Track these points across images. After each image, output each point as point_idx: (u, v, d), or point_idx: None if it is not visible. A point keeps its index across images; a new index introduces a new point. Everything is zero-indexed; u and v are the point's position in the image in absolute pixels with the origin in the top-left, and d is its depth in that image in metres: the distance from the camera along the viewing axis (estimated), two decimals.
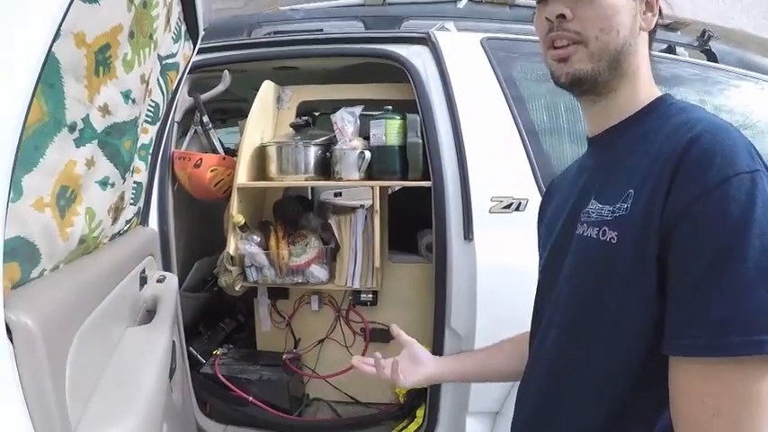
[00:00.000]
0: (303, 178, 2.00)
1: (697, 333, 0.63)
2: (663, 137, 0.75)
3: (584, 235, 0.81)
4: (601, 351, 0.78)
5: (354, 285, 2.04)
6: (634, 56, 0.83)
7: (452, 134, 1.74)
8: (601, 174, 0.86)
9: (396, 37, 1.97)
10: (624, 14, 0.81)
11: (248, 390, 2.10)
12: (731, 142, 0.67)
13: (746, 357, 0.61)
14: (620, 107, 0.86)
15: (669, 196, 0.68)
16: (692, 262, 0.65)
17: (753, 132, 2.31)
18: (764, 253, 0.62)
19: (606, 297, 0.76)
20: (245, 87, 2.32)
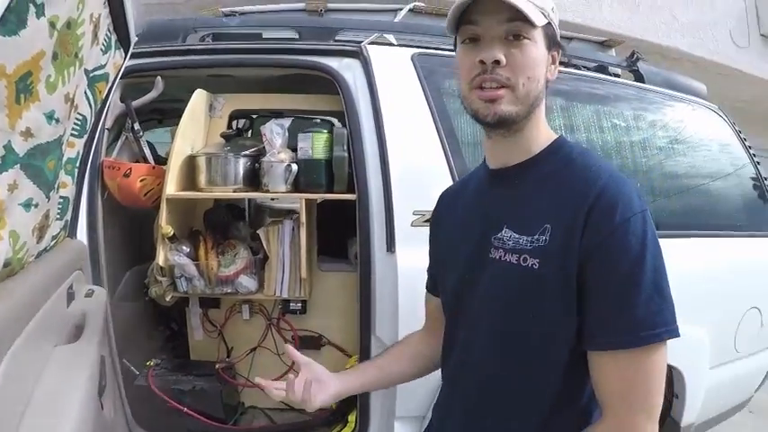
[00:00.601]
0: (231, 189, 2.00)
1: (618, 332, 0.85)
2: (570, 180, 0.93)
3: (501, 260, 0.97)
4: (532, 358, 0.96)
5: (283, 295, 2.06)
6: (542, 103, 0.99)
7: (378, 148, 1.77)
8: (511, 205, 1.00)
9: (329, 49, 1.98)
10: (542, 66, 0.95)
11: (183, 400, 2.08)
12: (627, 190, 0.89)
13: (651, 345, 0.84)
14: (525, 146, 1.00)
15: (585, 233, 0.87)
16: (607, 282, 0.86)
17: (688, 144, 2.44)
18: (656, 270, 0.85)
19: (533, 313, 0.94)
20: (180, 90, 2.30)
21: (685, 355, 2.12)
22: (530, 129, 0.98)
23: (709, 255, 2.26)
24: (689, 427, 2.26)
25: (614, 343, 0.86)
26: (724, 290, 2.27)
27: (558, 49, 1.00)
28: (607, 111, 2.22)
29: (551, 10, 0.96)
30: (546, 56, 0.96)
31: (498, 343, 1.00)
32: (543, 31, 0.94)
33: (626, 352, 0.85)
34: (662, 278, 0.86)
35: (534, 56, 0.93)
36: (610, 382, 0.88)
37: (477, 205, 1.08)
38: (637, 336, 0.84)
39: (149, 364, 2.22)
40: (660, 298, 0.85)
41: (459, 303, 1.09)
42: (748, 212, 2.55)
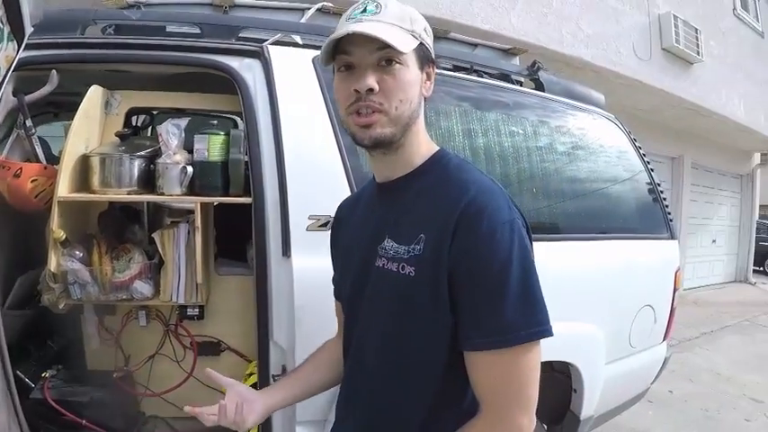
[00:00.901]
0: (126, 191, 1.92)
1: (489, 333, 0.90)
2: (444, 192, 0.98)
3: (384, 268, 1.02)
4: (413, 361, 1.02)
5: (179, 301, 2.00)
6: (419, 118, 1.04)
7: (275, 151, 1.74)
8: (393, 216, 1.05)
9: (230, 48, 1.93)
10: (415, 87, 1.00)
11: (81, 413, 2.00)
12: (495, 201, 0.94)
13: (522, 344, 0.90)
14: (406, 160, 1.06)
15: (453, 242, 0.92)
16: (476, 287, 0.91)
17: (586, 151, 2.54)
18: (524, 276, 0.91)
19: (411, 317, 0.99)
20: (77, 83, 2.19)
21: (582, 352, 2.22)
22: (409, 144, 1.04)
23: (605, 256, 2.37)
24: (588, 420, 2.36)
25: (486, 343, 0.91)
26: (619, 290, 2.38)
27: (433, 65, 1.04)
28: (508, 118, 2.28)
29: (423, 30, 1.01)
30: (419, 75, 1.01)
31: (383, 346, 1.06)
32: (415, 53, 0.99)
33: (498, 351, 0.91)
34: (530, 283, 0.92)
35: (406, 79, 0.98)
36: (485, 380, 0.94)
37: (368, 216, 1.14)
38: (506, 336, 0.90)
39: (45, 375, 2.11)
40: (528, 301, 0.91)
41: (352, 309, 1.16)
42: (642, 216, 2.69)
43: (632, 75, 6.52)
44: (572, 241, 2.27)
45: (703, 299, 9.64)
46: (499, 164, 2.15)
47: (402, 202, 1.05)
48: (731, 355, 6.13)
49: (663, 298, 2.63)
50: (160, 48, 1.94)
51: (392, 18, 0.96)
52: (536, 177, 2.26)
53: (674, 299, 2.67)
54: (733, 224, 12.09)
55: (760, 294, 10.92)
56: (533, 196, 2.21)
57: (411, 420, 1.03)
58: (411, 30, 0.98)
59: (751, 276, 12.38)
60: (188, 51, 1.92)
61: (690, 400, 4.59)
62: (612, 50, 6.28)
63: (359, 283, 1.10)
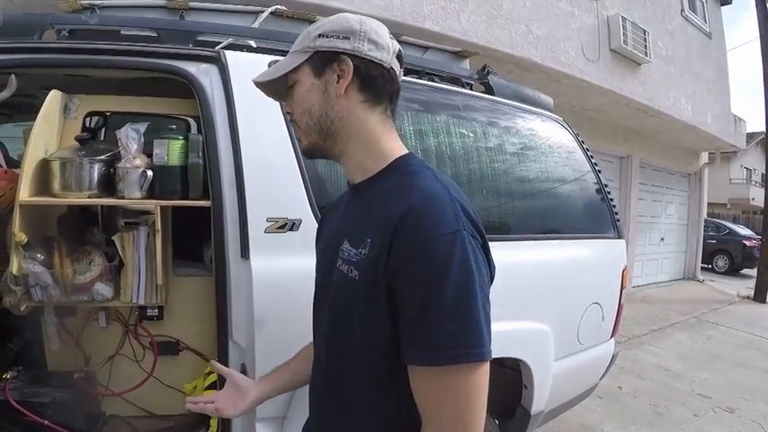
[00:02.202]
0: (86, 195, 1.93)
1: (420, 350, 0.88)
2: (391, 197, 0.97)
3: (340, 269, 1.03)
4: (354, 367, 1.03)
5: (139, 302, 2.03)
6: (344, 122, 1.06)
7: (232, 155, 1.78)
8: (353, 219, 1.07)
9: (187, 53, 1.96)
10: (312, 95, 1.06)
11: (43, 413, 1.99)
12: (440, 210, 0.91)
13: (455, 365, 0.86)
14: (358, 165, 1.09)
15: (391, 251, 0.91)
16: (411, 300, 0.89)
17: (536, 153, 2.64)
18: (460, 294, 0.86)
19: (352, 321, 1.00)
20: (33, 86, 2.19)
21: (531, 349, 2.29)
22: (353, 150, 1.08)
23: (553, 256, 2.45)
24: (539, 415, 2.45)
25: (418, 359, 0.89)
26: (567, 288, 2.47)
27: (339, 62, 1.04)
28: (458, 121, 2.35)
29: (317, 36, 1.05)
30: (317, 83, 1.06)
31: (330, 349, 1.09)
32: (308, 66, 1.07)
33: (431, 369, 0.88)
34: (468, 301, 0.87)
35: (300, 93, 1.08)
36: (421, 397, 0.92)
37: (340, 217, 1.17)
38: (435, 355, 0.86)
39: (6, 376, 2.10)
40: (463, 320, 0.86)
41: (316, 309, 1.19)
42: (590, 216, 2.79)
43: (580, 75, 6.62)
44: (521, 241, 2.33)
45: (652, 296, 9.79)
46: (449, 165, 2.22)
47: (359, 206, 1.07)
48: (679, 351, 6.28)
49: (610, 296, 2.72)
50: (118, 53, 1.95)
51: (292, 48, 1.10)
52: (485, 178, 2.33)
53: (621, 296, 2.76)
54: (681, 222, 12.24)
55: (708, 292, 11.12)
56: (483, 197, 2.28)
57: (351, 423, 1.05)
58: (301, 48, 1.07)
59: (699, 274, 12.55)
60: (146, 56, 1.94)
61: (639, 396, 4.71)
62: (561, 52, 6.37)
63: (324, 283, 1.12)
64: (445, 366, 0.87)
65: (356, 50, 1.04)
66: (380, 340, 0.95)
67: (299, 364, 1.37)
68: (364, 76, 1.05)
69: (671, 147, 10.90)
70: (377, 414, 1.02)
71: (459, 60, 2.81)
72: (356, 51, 1.04)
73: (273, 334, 1.64)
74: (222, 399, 1.35)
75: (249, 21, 2.36)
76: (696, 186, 12.41)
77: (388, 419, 1.01)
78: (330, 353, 1.09)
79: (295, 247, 1.72)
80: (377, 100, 1.07)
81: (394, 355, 0.93)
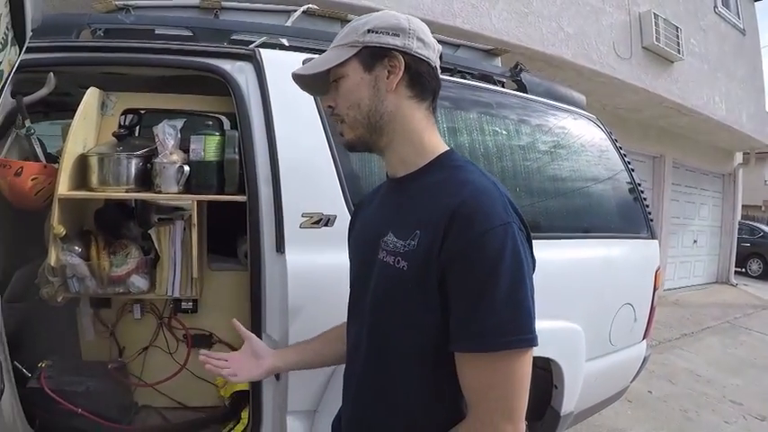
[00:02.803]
0: (124, 189, 1.97)
1: (472, 337, 0.92)
2: (441, 191, 1.01)
3: (384, 260, 1.05)
4: (401, 355, 1.05)
5: (174, 295, 2.06)
6: (392, 116, 1.08)
7: (268, 151, 1.81)
8: (397, 212, 1.09)
9: (222, 51, 1.99)
10: (361, 90, 1.08)
11: (76, 402, 2.04)
12: (491, 203, 0.95)
13: (506, 351, 0.90)
14: (402, 160, 1.12)
15: (444, 243, 0.94)
16: (465, 289, 0.93)
17: (568, 151, 2.62)
18: (513, 283, 0.91)
19: (400, 311, 1.03)
20: (70, 84, 2.24)
21: (562, 349, 2.27)
22: (398, 144, 1.11)
23: (586, 255, 2.43)
24: (568, 416, 2.42)
25: (469, 346, 0.93)
26: (599, 288, 2.44)
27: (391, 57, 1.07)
28: (490, 119, 2.34)
29: (366, 32, 1.08)
30: (367, 78, 1.08)
31: (374, 339, 1.10)
32: (357, 59, 1.08)
33: (481, 355, 0.92)
34: (519, 289, 0.91)
35: (348, 87, 1.10)
36: (469, 383, 0.95)
37: (378, 209, 1.20)
38: (488, 341, 0.90)
39: (41, 365, 2.15)
40: (514, 308, 0.90)
41: (354, 299, 1.21)
42: (623, 216, 2.75)
43: (612, 73, 6.54)
44: (554, 240, 2.31)
45: (684, 300, 9.60)
46: (483, 163, 2.20)
47: (404, 200, 1.09)
48: (711, 356, 6.14)
49: (643, 297, 2.68)
50: (156, 51, 1.99)
51: (336, 41, 1.12)
52: (518, 176, 2.32)
53: (653, 298, 2.72)
54: (714, 224, 11.95)
55: (741, 296, 10.85)
56: (516, 195, 2.25)
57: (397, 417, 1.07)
58: (347, 42, 1.09)
59: (732, 278, 12.22)
60: (183, 55, 1.97)
61: (669, 401, 4.62)
62: (593, 49, 6.30)
63: (363, 274, 1.14)
64: (497, 352, 0.91)
65: (406, 47, 1.07)
66: (428, 328, 0.99)
67: (323, 346, 1.41)
68: (413, 72, 1.08)
69: (704, 147, 10.68)
70: (421, 399, 1.04)
71: (490, 58, 2.81)
72: (407, 48, 1.07)
73: (307, 327, 1.64)
74: (236, 360, 1.39)
75: (282, 19, 2.39)
76: (730, 188, 12.11)
77: (432, 404, 1.04)
78: (372, 342, 1.11)
79: (330, 242, 1.75)
80: (423, 96, 1.11)
81: (440, 343, 0.97)
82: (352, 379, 1.20)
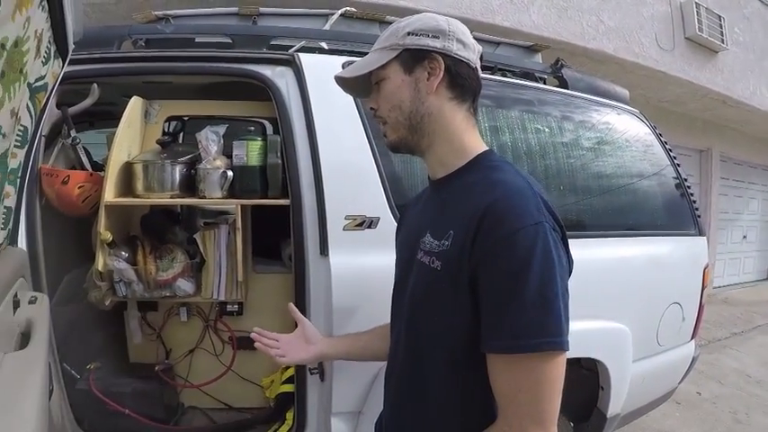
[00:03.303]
0: (168, 195, 2.02)
1: (501, 337, 0.91)
2: (474, 191, 1.01)
3: (421, 260, 1.07)
4: (436, 356, 1.05)
5: (220, 298, 2.11)
6: (433, 118, 1.09)
7: (310, 154, 1.82)
8: (435, 213, 1.11)
9: (262, 57, 2.00)
10: (402, 91, 1.09)
11: (124, 403, 2.10)
12: (522, 203, 0.94)
13: (536, 353, 0.89)
14: (441, 161, 1.13)
15: (475, 242, 0.93)
16: (494, 289, 0.92)
17: (612, 147, 2.56)
18: (543, 284, 0.89)
19: (434, 311, 1.03)
20: (113, 94, 2.29)
21: (609, 349, 2.22)
22: (438, 146, 1.12)
23: (631, 253, 2.37)
24: (615, 418, 2.36)
25: (499, 347, 0.92)
26: (646, 287, 2.38)
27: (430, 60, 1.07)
28: (532, 116, 2.31)
29: (406, 34, 1.09)
30: (408, 79, 1.09)
31: (410, 338, 1.12)
32: (397, 62, 1.10)
33: (511, 357, 0.91)
34: (550, 291, 0.90)
35: (390, 90, 1.11)
36: (499, 385, 0.94)
37: (420, 212, 1.21)
38: (516, 343, 0.89)
39: (90, 367, 2.22)
40: (545, 310, 0.89)
41: (396, 301, 1.23)
42: (669, 212, 2.68)
43: (655, 66, 6.38)
44: (599, 238, 2.27)
45: (734, 298, 9.31)
46: (525, 161, 2.19)
47: (441, 201, 1.11)
48: (762, 356, 5.95)
49: (691, 295, 2.61)
50: (196, 59, 2.02)
51: (377, 44, 1.13)
52: (562, 174, 2.28)
53: (702, 296, 2.65)
54: (765, 219, 11.51)
55: None
56: (559, 193, 2.23)
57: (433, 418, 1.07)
58: (388, 44, 1.10)
59: None
60: (224, 62, 2.00)
61: (718, 403, 4.49)
62: (635, 42, 6.15)
63: (404, 274, 1.16)
64: (525, 354, 0.89)
65: (446, 49, 1.07)
66: (460, 329, 0.98)
67: (372, 340, 1.44)
68: (453, 74, 1.08)
69: (752, 139, 10.30)
70: (452, 400, 1.04)
71: (531, 54, 2.77)
72: (446, 50, 1.07)
73: (351, 329, 1.65)
74: (287, 342, 1.46)
75: (320, 23, 2.40)
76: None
77: (463, 406, 1.04)
78: (409, 342, 1.12)
79: (373, 245, 1.75)
80: (463, 98, 1.11)
81: (473, 344, 0.96)
82: (390, 380, 1.21)
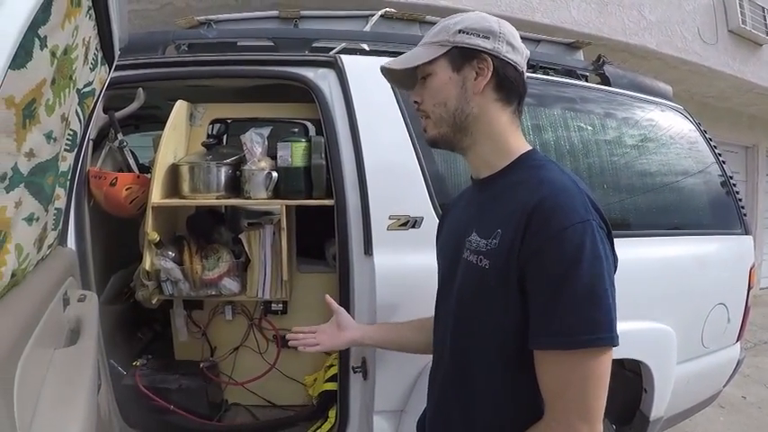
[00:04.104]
0: (214, 196, 2.06)
1: (550, 334, 0.92)
2: (521, 190, 1.01)
3: (468, 259, 1.08)
4: (484, 353, 1.06)
5: (265, 297, 2.14)
6: (477, 118, 1.09)
7: (354, 155, 1.83)
8: (481, 212, 1.11)
9: (304, 60, 2.03)
10: (449, 90, 1.10)
11: (169, 399, 2.15)
12: (568, 201, 0.95)
13: (584, 349, 0.90)
14: (485, 161, 1.13)
15: (524, 241, 0.94)
16: (544, 287, 0.93)
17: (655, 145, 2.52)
18: (592, 280, 0.90)
19: (482, 309, 1.04)
20: (158, 98, 2.35)
21: (653, 351, 2.19)
22: (481, 145, 1.12)
23: (676, 253, 2.33)
24: (658, 421, 2.32)
25: (547, 343, 0.93)
26: (691, 287, 2.34)
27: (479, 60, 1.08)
28: (574, 114, 2.28)
29: (457, 32, 1.09)
30: (454, 77, 1.09)
31: (457, 339, 1.13)
32: (446, 59, 1.10)
33: (559, 353, 0.92)
34: (599, 287, 0.91)
35: (435, 85, 1.11)
36: (547, 382, 0.96)
37: (463, 211, 1.21)
38: (566, 339, 0.90)
39: (136, 364, 2.28)
40: (595, 306, 0.90)
41: (441, 301, 1.23)
42: (714, 211, 2.62)
43: (699, 60, 6.24)
44: (642, 237, 2.25)
45: None
46: (568, 160, 2.17)
47: (487, 200, 1.11)
48: None
49: (736, 296, 2.56)
50: (239, 63, 2.06)
51: (426, 38, 1.13)
52: (605, 173, 2.26)
53: (747, 297, 2.59)
54: None
55: None
56: (603, 191, 2.21)
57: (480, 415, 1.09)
58: (438, 41, 1.10)
59: None
60: (267, 65, 2.03)
61: (764, 407, 4.37)
62: (677, 36, 6.02)
63: (449, 273, 1.16)
64: (575, 350, 0.91)
65: (496, 51, 1.08)
66: (510, 327, 0.99)
67: (408, 331, 1.48)
68: (501, 76, 1.09)
69: None
70: (502, 399, 1.06)
71: (572, 52, 2.73)
72: (496, 52, 1.08)
73: None
74: (322, 332, 1.54)
75: (360, 25, 2.41)
76: None
77: (512, 404, 1.05)
78: (457, 342, 1.12)
79: (417, 244, 1.76)
80: (509, 100, 1.11)
81: (522, 342, 0.97)
82: (436, 379, 1.22)
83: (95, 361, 1.19)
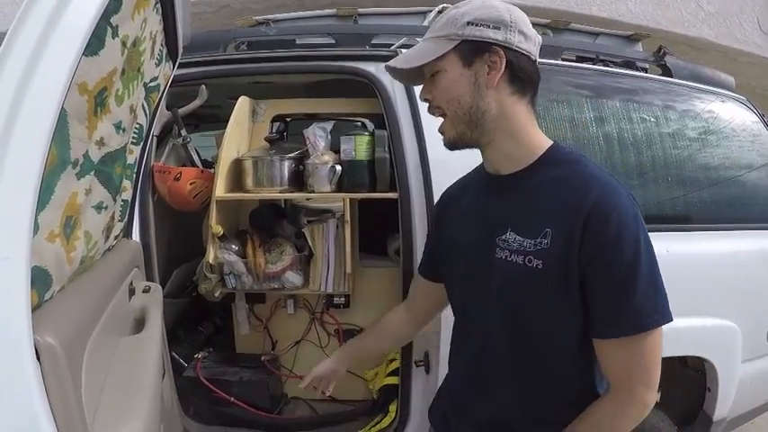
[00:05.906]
0: (278, 190, 2.10)
1: (621, 323, 0.97)
2: (568, 188, 1.01)
3: (508, 260, 1.05)
4: (545, 348, 1.08)
5: (328, 290, 2.16)
6: (494, 114, 1.04)
7: (417, 148, 1.84)
8: (514, 209, 1.07)
9: (365, 54, 2.04)
10: (461, 85, 1.04)
11: (230, 391, 2.19)
12: (619, 198, 0.98)
13: (648, 331, 0.97)
14: (508, 156, 1.08)
15: (583, 242, 0.96)
16: (609, 283, 0.97)
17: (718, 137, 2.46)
18: (650, 269, 0.97)
19: (541, 308, 1.05)
20: (219, 96, 2.40)
21: (717, 348, 2.14)
22: (502, 141, 1.07)
23: (740, 248, 2.27)
24: (721, 422, 2.27)
25: (618, 332, 0.99)
26: (757, 283, 2.28)
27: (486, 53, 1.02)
28: (636, 106, 2.25)
29: (465, 24, 1.01)
30: (467, 73, 1.03)
31: (514, 336, 1.10)
32: (456, 54, 1.03)
33: (627, 338, 0.98)
34: (655, 273, 0.98)
35: (447, 84, 1.05)
36: (615, 364, 1.02)
37: (479, 206, 1.17)
38: (636, 324, 0.97)
39: (197, 356, 2.33)
40: (654, 291, 0.98)
41: (468, 299, 1.20)
42: None
43: (759, 51, 6.05)
44: (706, 232, 2.21)
45: None
46: (632, 152, 2.14)
47: (521, 196, 1.07)
48: None
49: None
50: (302, 59, 2.09)
51: (432, 31, 1.07)
52: (669, 165, 2.21)
53: None
54: None
55: None
56: (666, 185, 2.17)
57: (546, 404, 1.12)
58: (446, 34, 1.03)
59: None
60: (330, 60, 2.05)
61: None
62: (736, 27, 5.84)
63: (478, 273, 1.12)
64: (641, 333, 0.97)
65: (508, 42, 1.01)
66: (570, 321, 1.03)
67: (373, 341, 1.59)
68: (515, 68, 1.03)
69: None
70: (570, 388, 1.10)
71: (631, 44, 2.69)
72: (508, 43, 1.01)
73: None
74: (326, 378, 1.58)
75: (418, 20, 2.41)
76: None
77: (580, 389, 1.10)
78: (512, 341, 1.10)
79: None
80: (524, 92, 1.06)
81: (581, 333, 1.03)
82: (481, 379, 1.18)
83: (160, 350, 1.22)
